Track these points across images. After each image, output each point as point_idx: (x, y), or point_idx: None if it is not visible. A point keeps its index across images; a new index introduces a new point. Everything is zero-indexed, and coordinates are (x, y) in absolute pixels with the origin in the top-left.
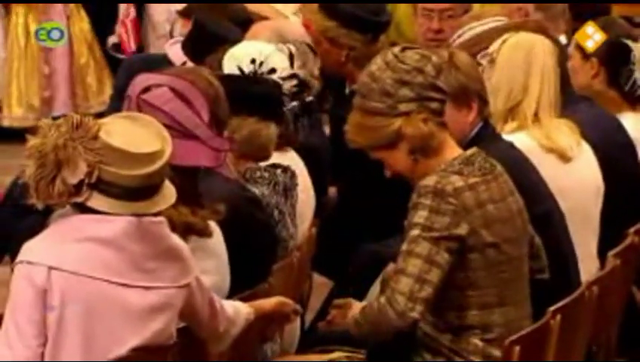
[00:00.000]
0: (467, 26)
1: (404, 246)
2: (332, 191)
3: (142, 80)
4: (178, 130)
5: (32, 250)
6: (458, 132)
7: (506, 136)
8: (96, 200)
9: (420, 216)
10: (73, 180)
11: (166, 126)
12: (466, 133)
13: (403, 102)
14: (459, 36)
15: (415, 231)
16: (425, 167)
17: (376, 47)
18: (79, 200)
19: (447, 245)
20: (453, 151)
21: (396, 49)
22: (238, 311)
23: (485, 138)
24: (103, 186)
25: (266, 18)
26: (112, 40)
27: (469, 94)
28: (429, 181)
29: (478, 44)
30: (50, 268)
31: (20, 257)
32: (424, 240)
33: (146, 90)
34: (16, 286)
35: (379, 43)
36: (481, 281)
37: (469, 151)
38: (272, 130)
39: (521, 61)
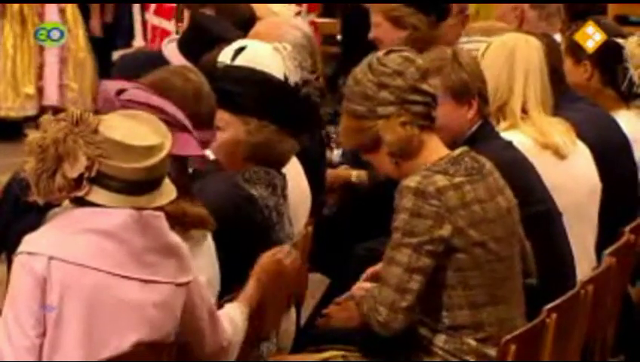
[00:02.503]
0: (473, 37)
1: (387, 252)
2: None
3: (107, 85)
4: (170, 123)
5: (32, 241)
6: (458, 128)
7: (505, 134)
8: (97, 195)
9: (400, 220)
10: (73, 174)
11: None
12: (465, 129)
13: (382, 105)
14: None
15: (396, 236)
16: (408, 168)
17: (438, 31)
18: (79, 194)
19: (429, 249)
20: (437, 151)
21: (381, 52)
22: (234, 319)
23: (483, 136)
24: (103, 180)
25: (258, 18)
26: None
27: (471, 91)
28: (411, 182)
29: None
30: (51, 257)
31: (20, 248)
32: (405, 247)
33: (120, 92)
34: (16, 277)
35: (441, 28)
36: (470, 280)
37: (457, 151)
38: (288, 144)
39: (504, 60)
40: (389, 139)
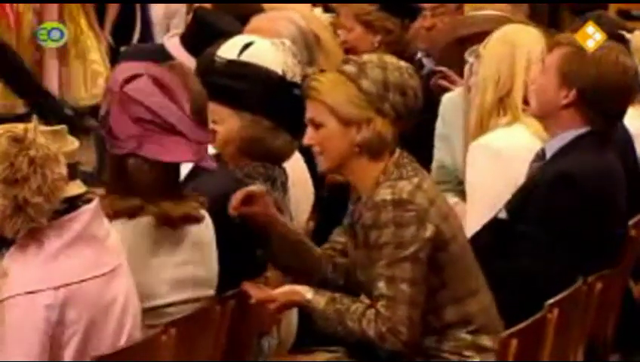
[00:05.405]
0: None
1: (382, 270)
2: None
3: (122, 70)
4: (159, 125)
5: (24, 279)
6: (544, 101)
7: (505, 130)
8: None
9: (386, 235)
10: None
11: (146, 121)
12: (550, 107)
13: (389, 103)
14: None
15: (387, 252)
16: (359, 165)
17: (408, 34)
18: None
19: (423, 255)
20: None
21: (409, 66)
22: None
23: (581, 145)
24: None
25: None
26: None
27: (575, 82)
28: (385, 195)
29: (462, 27)
30: (56, 288)
31: (11, 291)
32: (403, 262)
33: (128, 80)
34: (18, 321)
35: (410, 29)
36: (450, 277)
37: (395, 156)
38: (284, 141)
39: (507, 50)
40: (372, 133)
